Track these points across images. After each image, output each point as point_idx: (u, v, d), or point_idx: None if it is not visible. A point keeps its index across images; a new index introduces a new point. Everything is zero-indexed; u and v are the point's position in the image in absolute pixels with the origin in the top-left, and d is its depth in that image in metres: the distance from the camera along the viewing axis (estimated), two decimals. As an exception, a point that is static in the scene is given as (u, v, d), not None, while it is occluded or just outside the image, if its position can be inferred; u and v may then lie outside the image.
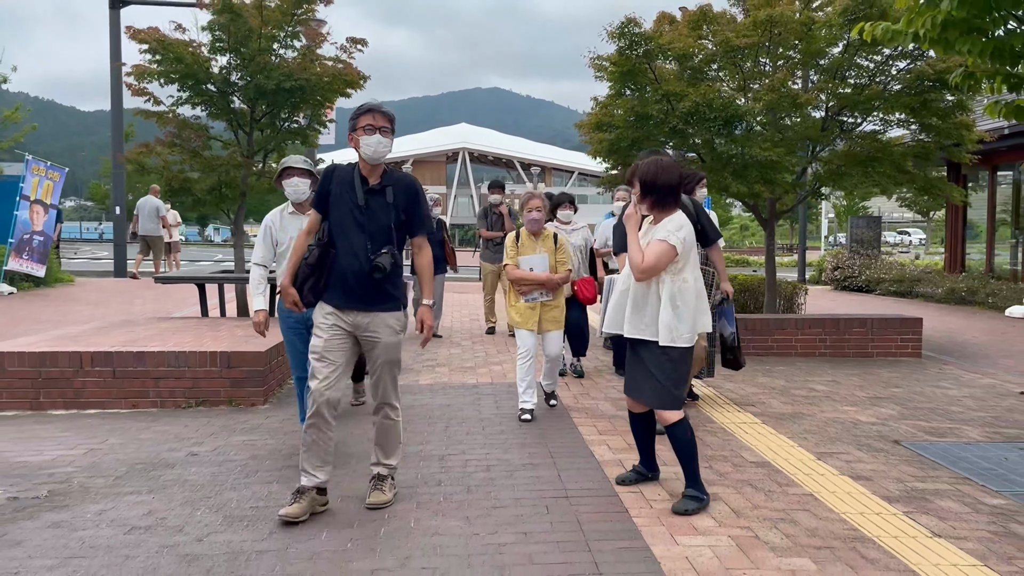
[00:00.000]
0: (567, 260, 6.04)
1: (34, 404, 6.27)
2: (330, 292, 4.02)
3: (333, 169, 4.11)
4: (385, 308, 4.03)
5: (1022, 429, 5.88)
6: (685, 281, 4.09)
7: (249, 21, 8.98)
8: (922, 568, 3.39)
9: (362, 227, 3.95)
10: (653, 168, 4.15)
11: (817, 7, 10.01)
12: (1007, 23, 4.55)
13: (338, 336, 3.99)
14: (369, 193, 4.00)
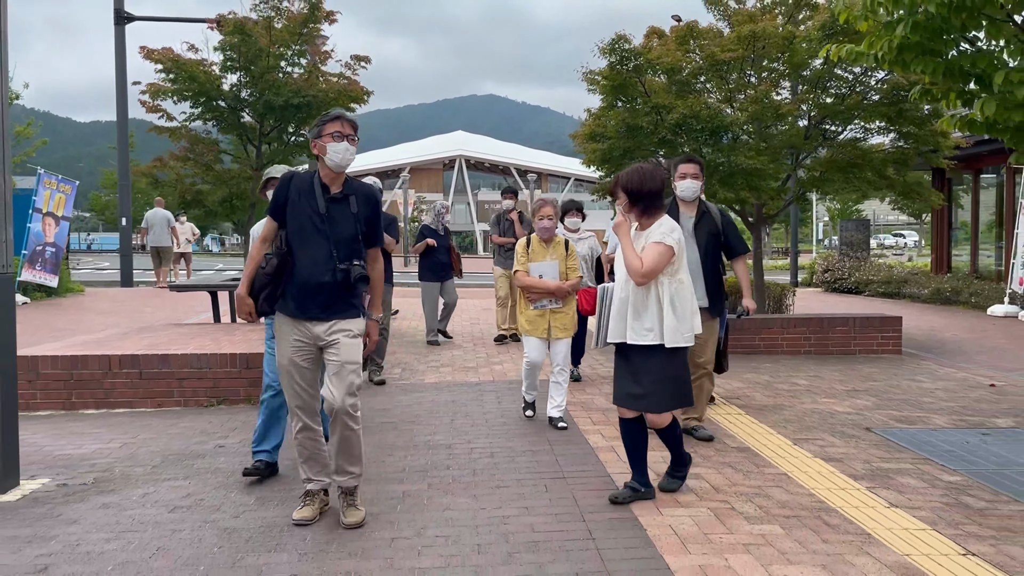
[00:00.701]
0: (578, 268, 6.03)
1: (67, 404, 6.71)
2: (287, 302, 3.93)
3: (291, 176, 4.00)
4: (345, 316, 3.94)
5: (986, 417, 6.34)
6: (681, 282, 4.18)
7: (259, 41, 9.45)
8: (876, 532, 3.84)
9: (325, 236, 3.86)
10: (637, 176, 4.20)
11: (800, 20, 10.51)
12: (958, 45, 5.02)
13: (301, 348, 3.92)
14: (331, 201, 3.91)
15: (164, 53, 9.51)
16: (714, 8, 10.58)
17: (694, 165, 5.52)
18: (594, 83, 10.10)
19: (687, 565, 3.44)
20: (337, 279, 3.84)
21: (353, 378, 3.89)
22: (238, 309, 4.02)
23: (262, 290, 3.91)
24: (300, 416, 3.96)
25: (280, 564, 3.51)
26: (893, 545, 3.69)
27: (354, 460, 4.01)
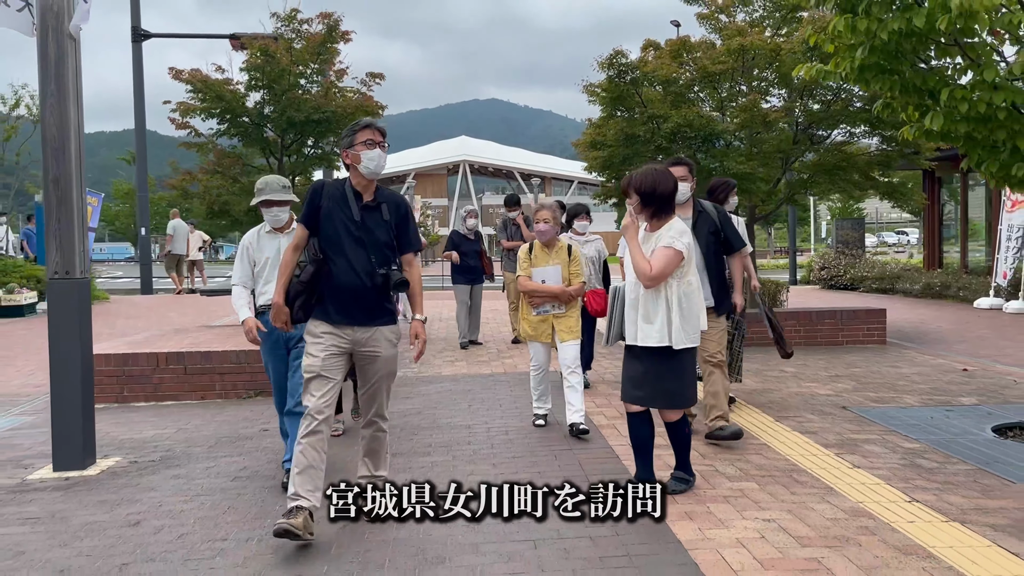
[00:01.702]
0: (581, 273, 5.95)
1: (119, 398, 7.40)
2: (324, 309, 3.97)
3: (322, 185, 4.08)
4: (384, 322, 4.03)
5: (953, 396, 6.99)
6: (690, 284, 4.22)
7: (281, 62, 10.15)
8: (838, 486, 4.51)
9: (361, 243, 3.93)
10: (651, 178, 4.18)
11: (786, 34, 11.18)
12: (913, 65, 5.66)
13: (335, 354, 3.94)
14: (365, 209, 3.98)
15: (193, 74, 10.22)
16: (706, 22, 11.25)
17: (683, 167, 5.49)
18: (594, 95, 10.78)
19: (674, 511, 4.10)
20: (378, 284, 3.92)
21: (388, 387, 4.15)
22: (274, 317, 4.03)
23: (297, 297, 3.94)
24: (314, 419, 3.88)
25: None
26: (850, 495, 4.35)
27: (380, 463, 4.23)
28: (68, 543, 3.93)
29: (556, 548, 3.67)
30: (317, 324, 3.97)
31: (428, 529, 3.91)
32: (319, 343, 3.93)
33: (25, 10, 5.35)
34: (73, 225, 5.28)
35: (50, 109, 5.18)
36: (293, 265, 4.01)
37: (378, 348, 4.01)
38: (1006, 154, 5.41)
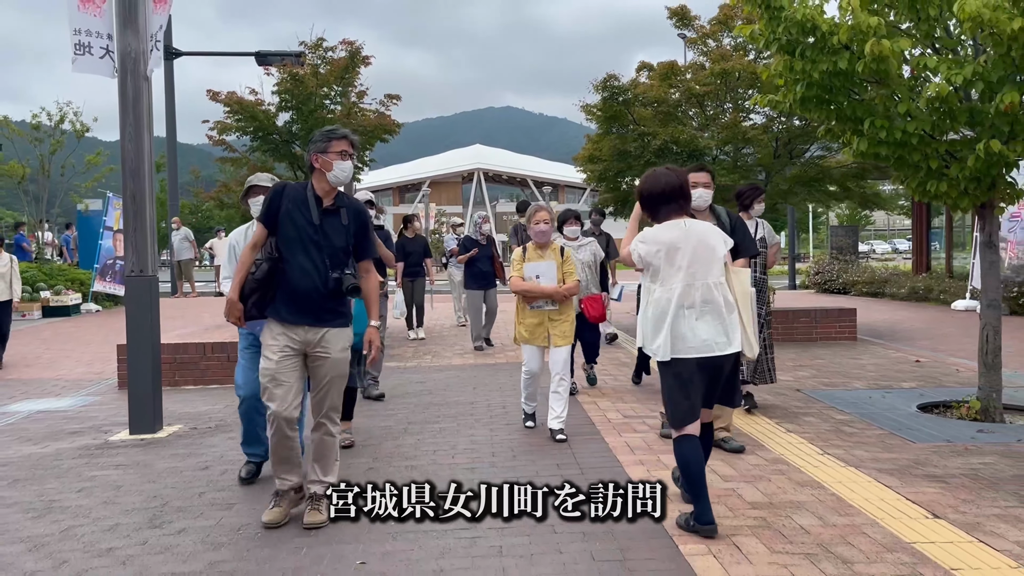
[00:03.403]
0: (575, 272, 5.98)
1: (172, 382, 8.53)
2: (277, 307, 4.06)
3: (284, 186, 4.13)
4: (335, 324, 4.12)
5: (896, 381, 8.00)
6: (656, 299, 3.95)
7: (308, 85, 11.32)
8: (768, 444, 5.55)
9: (318, 246, 4.00)
10: (646, 180, 4.10)
11: (766, 58, 12.22)
12: (847, 96, 6.69)
13: (289, 356, 4.04)
14: (324, 213, 4.05)
15: (229, 96, 11.40)
16: (693, 47, 12.32)
17: (705, 174, 5.41)
18: (591, 114, 11.87)
19: (633, 461, 5.16)
20: (330, 287, 4.01)
21: (337, 391, 4.17)
22: (227, 312, 4.13)
23: (251, 294, 4.03)
24: (278, 423, 4.04)
25: (360, 463, 5.27)
26: (775, 450, 5.40)
27: (328, 468, 4.20)
28: (155, 480, 5.04)
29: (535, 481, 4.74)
30: (272, 325, 4.07)
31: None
32: (274, 344, 4.03)
33: (106, 57, 6.49)
34: (146, 232, 6.41)
35: (128, 138, 6.32)
36: (250, 263, 4.07)
37: (328, 350, 4.08)
38: (923, 173, 6.43)
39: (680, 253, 3.88)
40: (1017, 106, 5.65)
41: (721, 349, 3.85)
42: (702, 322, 3.84)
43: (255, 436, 4.95)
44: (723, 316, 3.88)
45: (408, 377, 8.68)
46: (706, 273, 3.90)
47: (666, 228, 3.96)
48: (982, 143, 5.75)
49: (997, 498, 4.37)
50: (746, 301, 4.09)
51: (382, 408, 7.03)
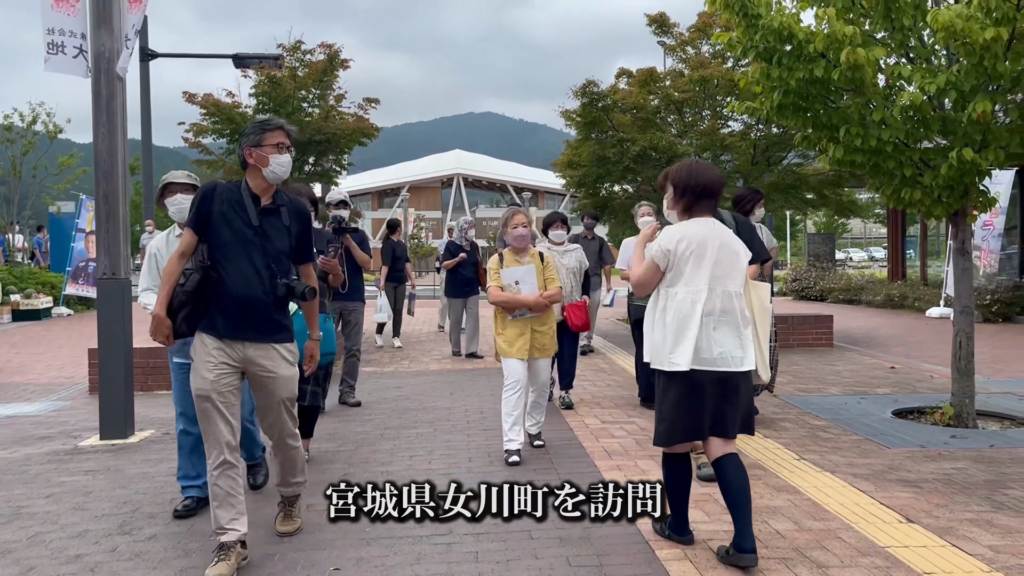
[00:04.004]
0: (556, 278, 5.65)
1: (144, 386, 8.41)
2: (212, 322, 3.59)
3: (214, 186, 3.68)
4: (279, 339, 3.68)
5: (871, 388, 8.06)
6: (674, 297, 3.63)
7: (286, 88, 11.25)
8: (746, 451, 5.56)
9: (259, 250, 3.59)
10: (687, 168, 3.75)
11: (744, 65, 12.32)
12: (824, 104, 6.75)
13: (226, 375, 3.58)
14: (263, 213, 3.65)
15: (206, 98, 11.30)
16: (672, 54, 12.39)
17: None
18: (570, 119, 11.90)
19: (610, 466, 5.15)
20: (277, 295, 3.62)
21: (289, 411, 3.78)
22: (154, 331, 3.61)
23: (181, 308, 3.56)
24: (219, 451, 3.57)
25: (335, 469, 5.22)
26: (751, 455, 5.41)
27: (298, 471, 3.99)
28: (126, 485, 4.96)
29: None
30: (205, 338, 3.59)
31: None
32: (209, 361, 3.56)
33: (80, 56, 6.40)
34: (119, 234, 6.32)
35: (102, 138, 6.23)
36: (178, 274, 3.60)
37: (273, 368, 3.65)
38: (897, 180, 6.49)
39: (708, 252, 3.57)
40: (989, 115, 5.72)
41: (736, 365, 3.54)
42: (719, 333, 3.53)
43: (195, 465, 4.43)
44: (739, 329, 3.58)
45: (385, 382, 8.63)
46: (728, 279, 3.60)
47: (695, 224, 3.63)
48: (955, 151, 5.81)
49: (970, 503, 4.40)
50: (764, 318, 3.86)
51: (358, 413, 6.98)
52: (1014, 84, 5.77)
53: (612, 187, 12.36)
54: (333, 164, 12.51)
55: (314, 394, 5.22)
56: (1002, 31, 5.26)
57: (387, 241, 11.08)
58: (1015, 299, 14.01)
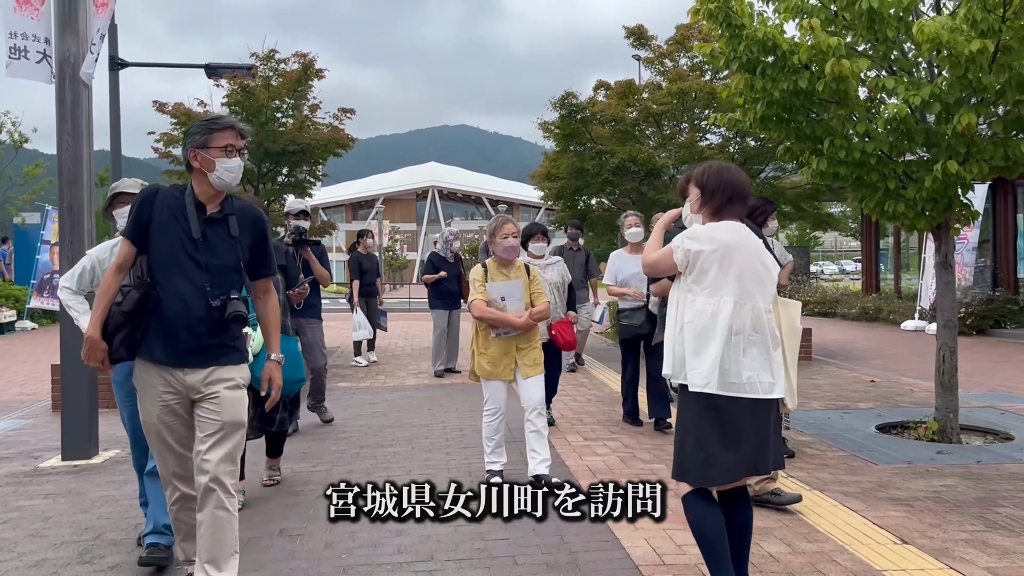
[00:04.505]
0: (544, 292, 5.25)
1: (110, 404, 8.11)
2: (152, 345, 3.20)
3: (155, 191, 3.29)
4: (224, 362, 3.27)
5: (853, 402, 8.00)
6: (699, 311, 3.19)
7: (259, 97, 11.04)
8: (731, 466, 5.44)
9: (198, 264, 3.19)
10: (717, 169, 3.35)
11: (723, 78, 12.32)
12: (806, 116, 6.69)
13: (171, 405, 3.23)
14: (207, 223, 3.24)
15: (176, 107, 11.07)
16: (650, 66, 12.36)
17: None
18: (549, 131, 11.81)
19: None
20: (212, 316, 3.19)
21: (233, 443, 3.24)
22: (87, 355, 3.22)
23: (118, 330, 3.18)
24: (175, 485, 3.32)
25: (310, 491, 5.02)
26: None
27: (226, 553, 3.20)
28: (87, 510, 4.72)
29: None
30: (144, 367, 3.25)
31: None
32: (150, 391, 3.23)
33: (43, 61, 6.17)
34: (83, 245, 6.06)
35: (66, 147, 6.00)
36: (115, 290, 3.23)
37: (216, 393, 3.22)
38: (880, 193, 6.44)
39: (736, 261, 3.16)
40: (974, 127, 5.68)
41: (766, 391, 3.11)
42: (748, 355, 3.11)
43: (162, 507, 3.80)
44: (769, 351, 3.16)
45: (360, 398, 8.42)
46: (757, 294, 3.18)
47: (725, 228, 3.22)
48: (939, 164, 5.77)
49: (963, 522, 4.31)
50: (794, 340, 3.50)
51: (332, 432, 6.77)
52: (998, 96, 5.74)
53: (591, 200, 12.28)
54: (307, 175, 12.31)
55: (282, 420, 5.08)
56: (988, 43, 5.22)
57: (353, 253, 10.62)
58: (988, 312, 14.10)
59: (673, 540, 4.07)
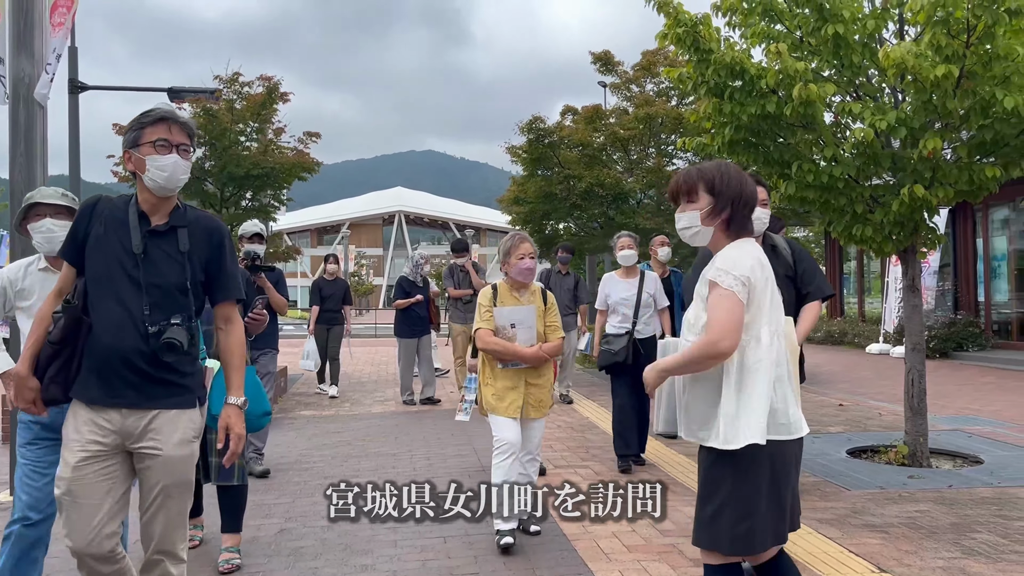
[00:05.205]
0: (560, 327, 4.65)
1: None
2: (87, 381, 2.70)
3: (95, 202, 2.80)
4: (170, 404, 2.74)
5: (824, 426, 7.98)
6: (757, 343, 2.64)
7: (223, 121, 10.88)
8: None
9: (138, 284, 2.70)
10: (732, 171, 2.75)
11: (689, 102, 12.42)
12: (774, 140, 6.72)
13: (97, 457, 2.66)
14: (151, 236, 2.75)
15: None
16: (617, 92, 12.43)
17: (763, 189, 4.47)
18: (516, 156, 11.79)
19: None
20: (152, 346, 2.67)
21: (181, 506, 2.77)
22: (16, 396, 2.78)
23: (49, 364, 2.72)
24: (88, 564, 2.69)
25: (270, 525, 4.82)
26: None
27: None
28: None
29: (463, 541, 4.41)
30: (77, 409, 2.72)
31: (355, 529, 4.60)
32: (76, 440, 2.66)
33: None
34: (36, 272, 5.86)
35: (19, 169, 5.80)
36: (50, 320, 2.78)
37: (158, 443, 2.70)
38: (848, 217, 6.46)
39: (770, 285, 2.68)
40: (939, 152, 5.73)
41: (804, 429, 2.71)
42: (788, 390, 2.67)
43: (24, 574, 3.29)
44: (795, 380, 2.75)
45: (324, 427, 8.22)
46: (781, 319, 2.71)
47: (754, 247, 2.70)
48: (906, 188, 5.80)
49: (939, 548, 4.26)
50: (795, 361, 2.87)
51: (297, 461, 6.57)
52: (963, 121, 5.80)
53: (558, 224, 12.26)
54: (271, 199, 12.14)
55: (242, 470, 4.18)
56: (952, 68, 5.27)
57: (315, 279, 10.25)
58: (951, 335, 14.27)
59: (648, 572, 3.96)
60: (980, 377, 11.75)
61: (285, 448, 6.98)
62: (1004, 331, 14.47)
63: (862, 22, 6.05)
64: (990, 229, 14.67)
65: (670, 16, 6.17)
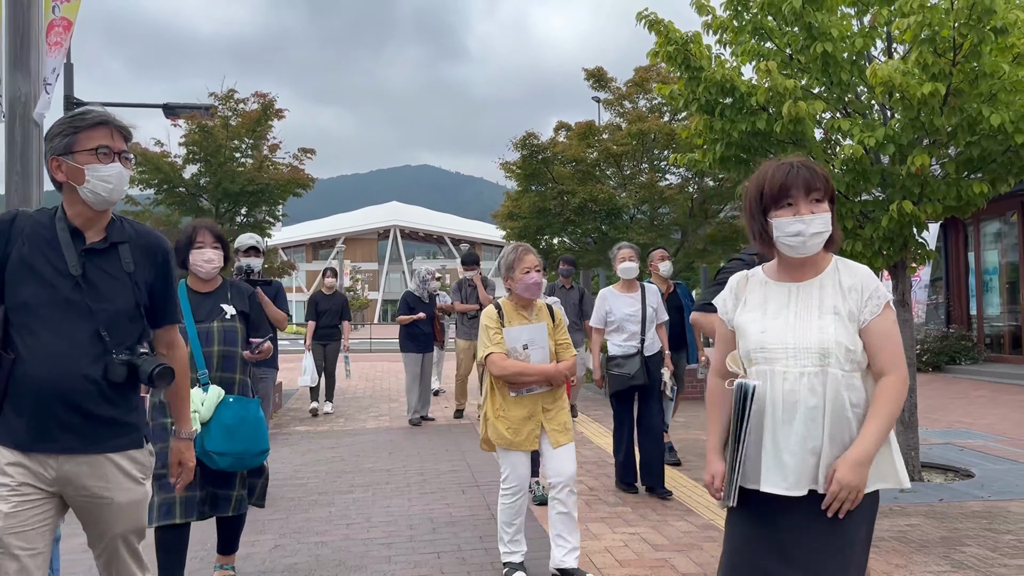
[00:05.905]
0: (570, 344, 4.32)
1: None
2: (9, 423, 2.37)
3: (11, 218, 2.45)
4: (114, 446, 2.44)
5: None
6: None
7: (218, 137, 10.94)
8: (697, 508, 5.37)
9: (79, 310, 2.40)
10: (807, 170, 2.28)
11: (681, 119, 12.52)
12: (764, 156, 6.79)
13: (32, 504, 2.35)
14: (88, 255, 2.44)
15: (132, 147, 10.86)
16: (610, 108, 12.53)
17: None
18: (510, 171, 11.86)
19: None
20: (113, 378, 2.40)
21: (135, 549, 2.52)
22: None
23: None
24: None
25: (265, 541, 4.83)
26: (704, 515, 5.22)
27: None
28: None
29: (456, 557, 4.42)
30: (1, 452, 2.38)
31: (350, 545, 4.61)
32: (5, 484, 2.34)
33: (-7, 99, 6.01)
34: (31, 289, 5.87)
35: (15, 186, 5.81)
36: None
37: (106, 490, 2.42)
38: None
39: None
40: (927, 168, 5.80)
41: None
42: None
43: None
44: None
45: (319, 443, 8.23)
46: None
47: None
48: (895, 204, 5.86)
49: (928, 562, 4.28)
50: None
51: (291, 477, 6.58)
52: (950, 138, 5.87)
53: (552, 239, 12.30)
54: (266, 215, 12.19)
55: (239, 500, 3.85)
56: (939, 86, 5.35)
57: (312, 293, 10.10)
58: (943, 348, 14.34)
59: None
60: (973, 390, 11.81)
61: (279, 464, 6.98)
62: (996, 344, 14.54)
63: (850, 40, 6.13)
64: (982, 243, 14.78)
65: (661, 34, 6.26)
